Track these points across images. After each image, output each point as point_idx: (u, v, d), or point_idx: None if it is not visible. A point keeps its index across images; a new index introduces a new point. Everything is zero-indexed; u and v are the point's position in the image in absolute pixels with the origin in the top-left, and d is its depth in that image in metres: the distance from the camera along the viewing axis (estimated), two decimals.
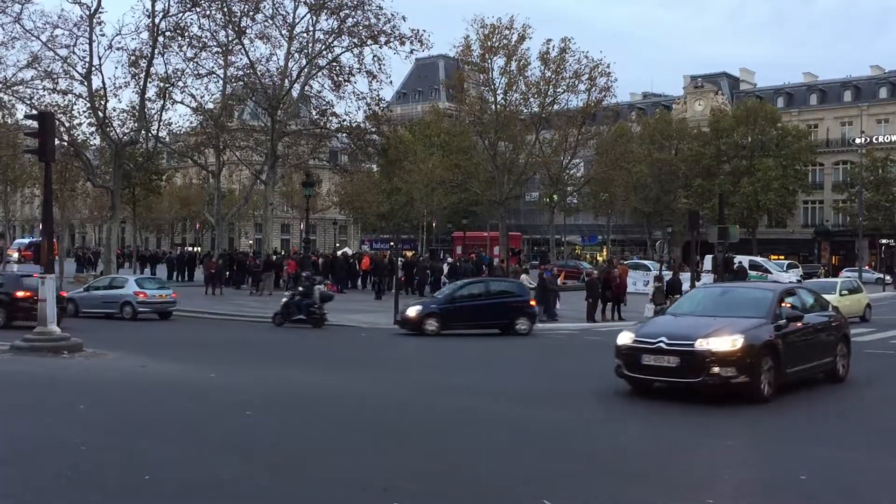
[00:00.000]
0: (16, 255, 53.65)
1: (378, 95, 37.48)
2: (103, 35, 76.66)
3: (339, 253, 51.64)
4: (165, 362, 15.43)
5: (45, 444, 8.36)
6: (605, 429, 9.74)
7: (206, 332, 23.28)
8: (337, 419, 9.86)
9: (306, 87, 38.13)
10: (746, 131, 61.98)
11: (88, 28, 32.74)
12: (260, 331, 23.33)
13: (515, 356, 18.18)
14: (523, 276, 28.26)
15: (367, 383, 13.20)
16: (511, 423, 9.76)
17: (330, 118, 38.39)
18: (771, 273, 42.17)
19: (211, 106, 38.84)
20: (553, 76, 50.21)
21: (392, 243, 63.90)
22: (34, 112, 25.46)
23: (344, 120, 38.13)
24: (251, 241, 78.01)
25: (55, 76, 33.80)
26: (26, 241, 64.43)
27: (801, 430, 9.68)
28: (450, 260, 42.73)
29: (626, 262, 42.34)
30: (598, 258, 67.50)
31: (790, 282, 28.65)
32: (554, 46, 49.62)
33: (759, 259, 45.39)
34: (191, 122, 40.52)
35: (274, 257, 40.69)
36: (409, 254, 54.27)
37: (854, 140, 64.92)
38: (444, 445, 8.57)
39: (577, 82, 50.47)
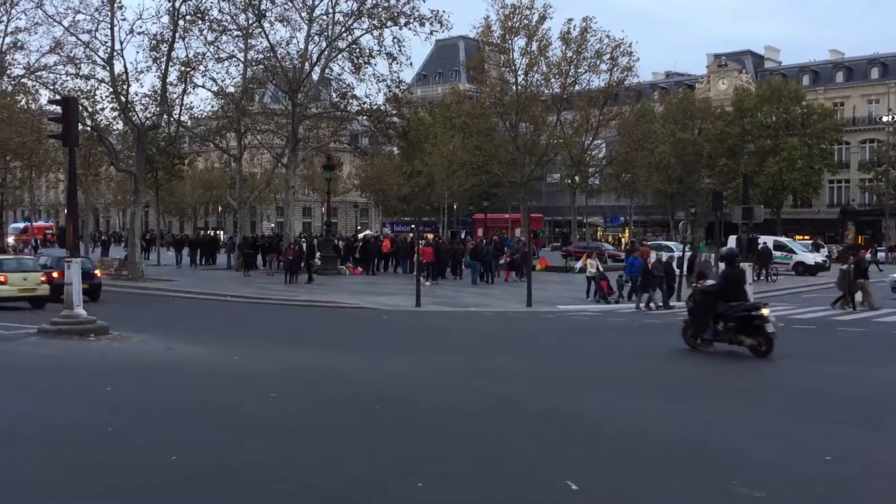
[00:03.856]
0: (12, 240, 54.00)
1: (398, 77, 37.39)
2: (124, 20, 77.07)
3: (361, 235, 51.76)
4: (190, 345, 15.54)
5: (73, 425, 8.46)
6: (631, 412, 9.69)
7: (240, 315, 23.47)
8: (361, 401, 9.88)
9: (326, 70, 38.10)
10: (771, 110, 61.20)
11: (110, 13, 32.87)
12: (288, 313, 23.50)
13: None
14: (589, 262, 26.86)
15: (389, 366, 13.23)
16: (540, 407, 9.75)
17: (350, 101, 38.36)
18: (796, 253, 41.77)
19: (232, 90, 38.93)
20: (574, 56, 49.79)
21: (413, 226, 64.04)
22: (58, 97, 25.61)
23: (364, 102, 38.11)
24: (272, 225, 78.36)
25: (78, 61, 33.99)
26: (21, 225, 64.71)
27: None
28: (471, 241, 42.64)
29: (649, 244, 42.12)
30: (622, 239, 67.13)
31: None
32: (575, 26, 49.21)
33: (783, 239, 44.94)
34: (212, 106, 40.78)
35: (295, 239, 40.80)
36: (429, 236, 54.30)
37: (881, 118, 63.89)
38: (468, 427, 8.57)
39: (598, 62, 50.06)
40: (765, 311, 13.61)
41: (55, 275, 23.66)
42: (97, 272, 26.77)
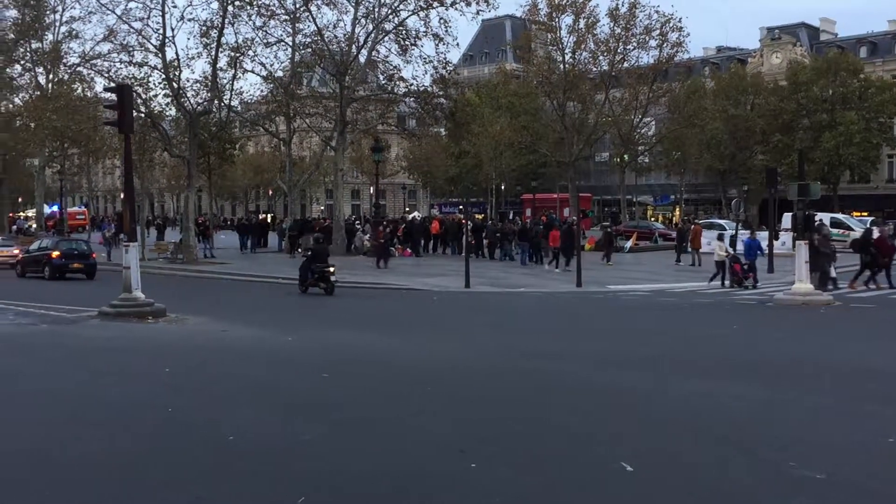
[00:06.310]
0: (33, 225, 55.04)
1: (445, 58, 37.30)
2: (175, 7, 78.24)
3: (409, 217, 51.94)
4: (245, 327, 15.81)
5: (133, 406, 8.70)
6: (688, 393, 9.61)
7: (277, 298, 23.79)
8: (411, 382, 9.97)
9: (373, 53, 38.15)
10: (827, 84, 59.49)
11: (161, 0, 33.38)
12: (338, 295, 23.78)
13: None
14: (716, 244, 25.01)
15: (440, 347, 13.31)
16: (592, 387, 9.73)
17: (397, 83, 38.43)
18: (854, 230, 40.76)
19: (280, 74, 39.25)
20: (623, 33, 49.16)
21: (461, 207, 64.12)
22: (112, 85, 26.15)
23: (411, 84, 38.11)
24: (322, 207, 79.14)
25: (131, 49, 34.69)
26: (48, 210, 65.54)
27: None
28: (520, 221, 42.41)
29: (700, 222, 41.53)
30: (673, 218, 66.23)
31: None
32: (623, 2, 48.59)
33: (840, 216, 43.87)
34: (261, 91, 41.14)
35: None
36: (478, 217, 54.26)
37: None
38: (519, 408, 8.59)
39: (647, 38, 49.39)
40: (331, 269, 22.16)
41: (55, 255, 28.36)
42: (94, 254, 29.91)
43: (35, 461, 6.65)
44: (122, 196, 30.98)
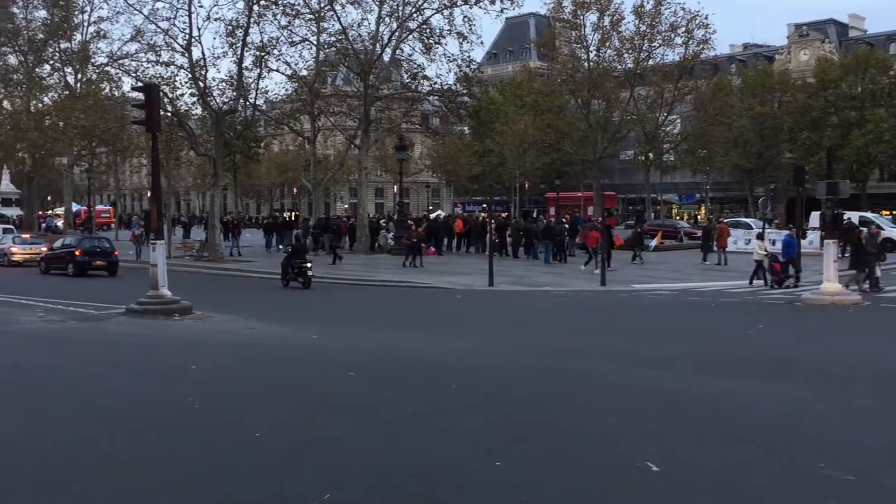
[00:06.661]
0: (60, 223, 55.59)
1: (469, 57, 37.35)
2: (201, 7, 78.61)
3: (433, 216, 52.02)
4: (270, 324, 15.92)
5: (161, 401, 8.80)
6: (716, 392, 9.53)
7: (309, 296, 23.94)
8: (437, 380, 9.98)
9: (397, 51, 38.24)
10: (856, 80, 58.67)
11: (187, 0, 33.64)
12: (363, 293, 23.87)
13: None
14: (756, 243, 24.42)
15: (464, 345, 13.31)
16: (617, 387, 9.69)
17: (421, 81, 38.49)
18: (883, 229, 40.19)
19: (305, 73, 39.44)
20: (648, 30, 48.93)
21: (485, 205, 64.02)
22: (140, 84, 26.36)
23: (435, 83, 38.16)
24: (346, 206, 79.41)
25: (158, 48, 34.95)
26: (75, 209, 65.99)
27: None
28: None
29: (726, 221, 41.19)
30: (699, 216, 65.72)
31: None
32: None
33: (869, 215, 43.25)
34: (286, 90, 41.38)
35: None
36: (502, 215, 54.19)
37: None
38: (543, 406, 8.58)
39: (673, 36, 49.13)
40: (308, 265, 23.80)
41: (78, 252, 29.14)
42: (115, 251, 30.54)
43: (64, 456, 6.74)
44: (149, 194, 31.30)
